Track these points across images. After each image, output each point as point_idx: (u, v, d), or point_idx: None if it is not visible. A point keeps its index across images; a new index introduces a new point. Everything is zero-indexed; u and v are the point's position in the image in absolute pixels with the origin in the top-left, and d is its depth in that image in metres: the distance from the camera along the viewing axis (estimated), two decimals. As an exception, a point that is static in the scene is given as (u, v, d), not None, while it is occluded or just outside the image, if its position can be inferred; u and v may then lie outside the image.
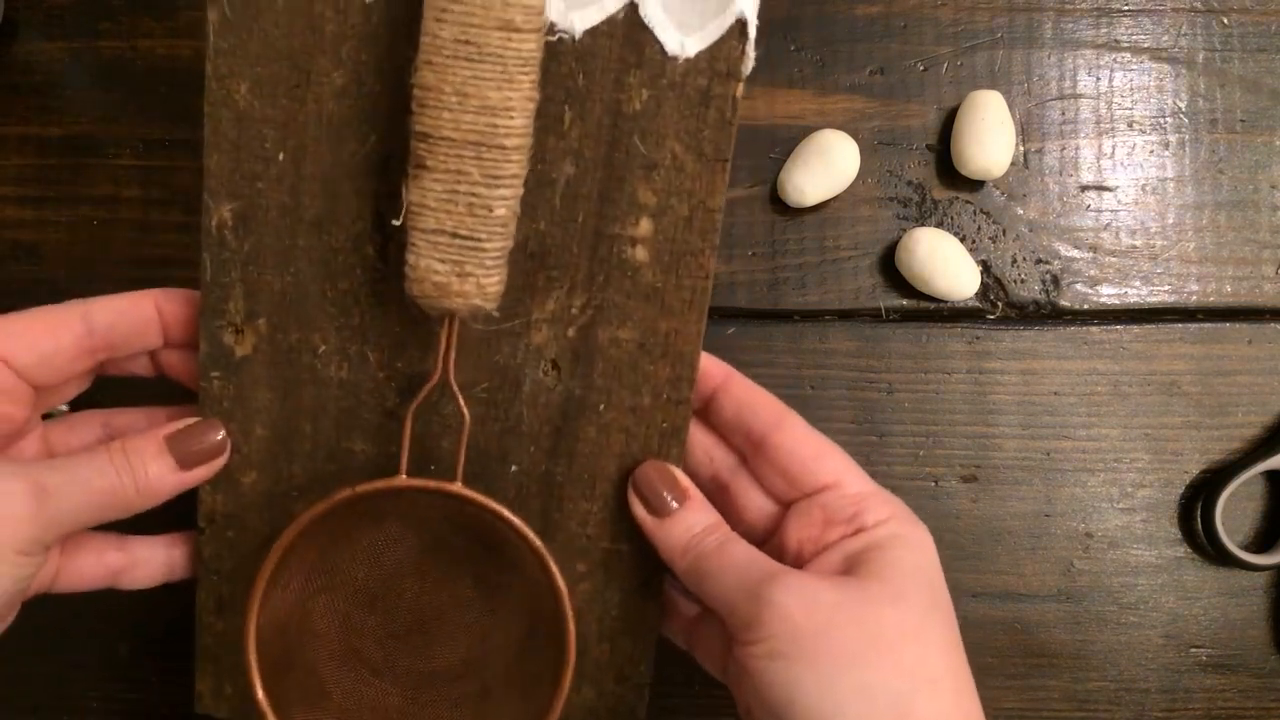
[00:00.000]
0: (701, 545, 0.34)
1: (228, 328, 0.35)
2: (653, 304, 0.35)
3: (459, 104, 0.30)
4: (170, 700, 0.46)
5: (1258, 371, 0.47)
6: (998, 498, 0.47)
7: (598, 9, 0.32)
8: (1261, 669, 0.47)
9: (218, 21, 0.32)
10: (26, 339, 0.33)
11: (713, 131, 0.33)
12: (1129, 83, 0.48)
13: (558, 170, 0.34)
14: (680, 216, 0.34)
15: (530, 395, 0.35)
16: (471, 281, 0.31)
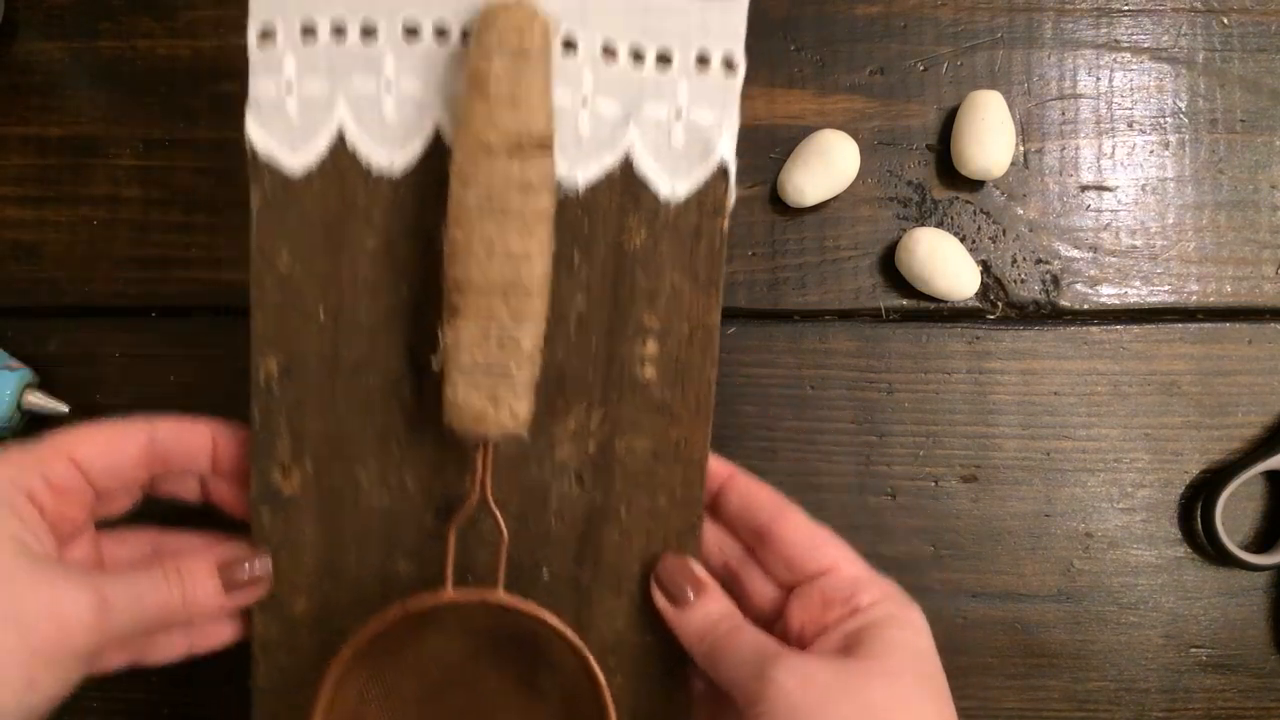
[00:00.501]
0: (716, 631, 0.37)
1: (276, 468, 0.37)
2: (663, 415, 0.38)
3: (486, 256, 0.33)
4: (170, 700, 0.46)
5: (1258, 371, 0.47)
6: (998, 498, 0.47)
7: (598, 165, 0.36)
8: (1261, 669, 0.47)
9: (260, 204, 0.36)
10: (99, 445, 0.36)
11: (705, 261, 0.37)
12: (1129, 83, 0.48)
13: (571, 304, 0.37)
14: (682, 336, 0.37)
15: (558, 507, 0.38)
16: (505, 410, 0.35)
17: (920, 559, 0.46)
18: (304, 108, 0.35)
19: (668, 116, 0.36)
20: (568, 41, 0.35)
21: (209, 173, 0.47)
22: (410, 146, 0.36)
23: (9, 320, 0.47)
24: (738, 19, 0.35)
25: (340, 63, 0.35)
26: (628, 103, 0.36)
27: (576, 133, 0.36)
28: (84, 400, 0.46)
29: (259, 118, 0.35)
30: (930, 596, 0.46)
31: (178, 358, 0.47)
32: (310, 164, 0.36)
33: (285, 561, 0.38)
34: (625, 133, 0.36)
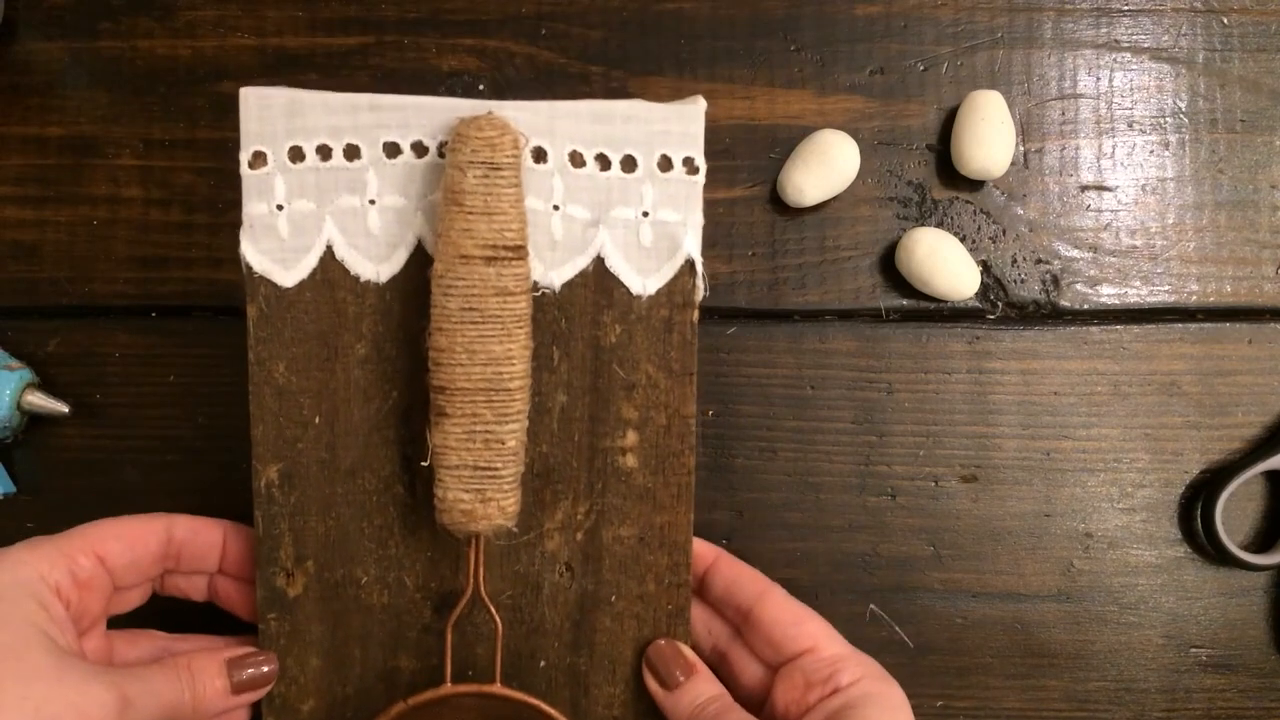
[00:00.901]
0: (703, 713, 0.38)
1: (280, 572, 0.39)
2: (646, 502, 0.39)
3: (469, 359, 0.35)
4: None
5: (1258, 371, 0.47)
6: (998, 498, 0.47)
7: (571, 266, 0.38)
8: (1261, 669, 0.47)
9: (256, 316, 0.38)
10: (123, 541, 0.37)
11: (678, 351, 0.39)
12: (1129, 83, 0.48)
13: (553, 400, 0.39)
14: (660, 425, 0.39)
15: (550, 596, 0.40)
16: (494, 505, 0.36)
17: (920, 559, 0.46)
18: (294, 226, 0.38)
19: (635, 218, 0.38)
20: (538, 152, 0.38)
21: (209, 173, 0.47)
22: (395, 257, 0.38)
23: (9, 320, 0.47)
24: (696, 126, 0.38)
25: (326, 182, 0.38)
26: (597, 207, 0.38)
27: (550, 237, 0.38)
28: (84, 400, 0.46)
29: (253, 237, 0.38)
30: (930, 596, 0.46)
31: (178, 358, 0.47)
32: (302, 278, 0.38)
33: (292, 663, 0.39)
34: (596, 234, 0.38)
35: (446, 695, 0.38)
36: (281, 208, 0.38)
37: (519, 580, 0.40)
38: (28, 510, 0.46)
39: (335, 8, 0.47)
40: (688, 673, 0.39)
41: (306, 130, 0.37)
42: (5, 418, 0.44)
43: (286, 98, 0.37)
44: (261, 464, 0.39)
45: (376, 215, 0.38)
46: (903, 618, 0.46)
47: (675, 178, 0.38)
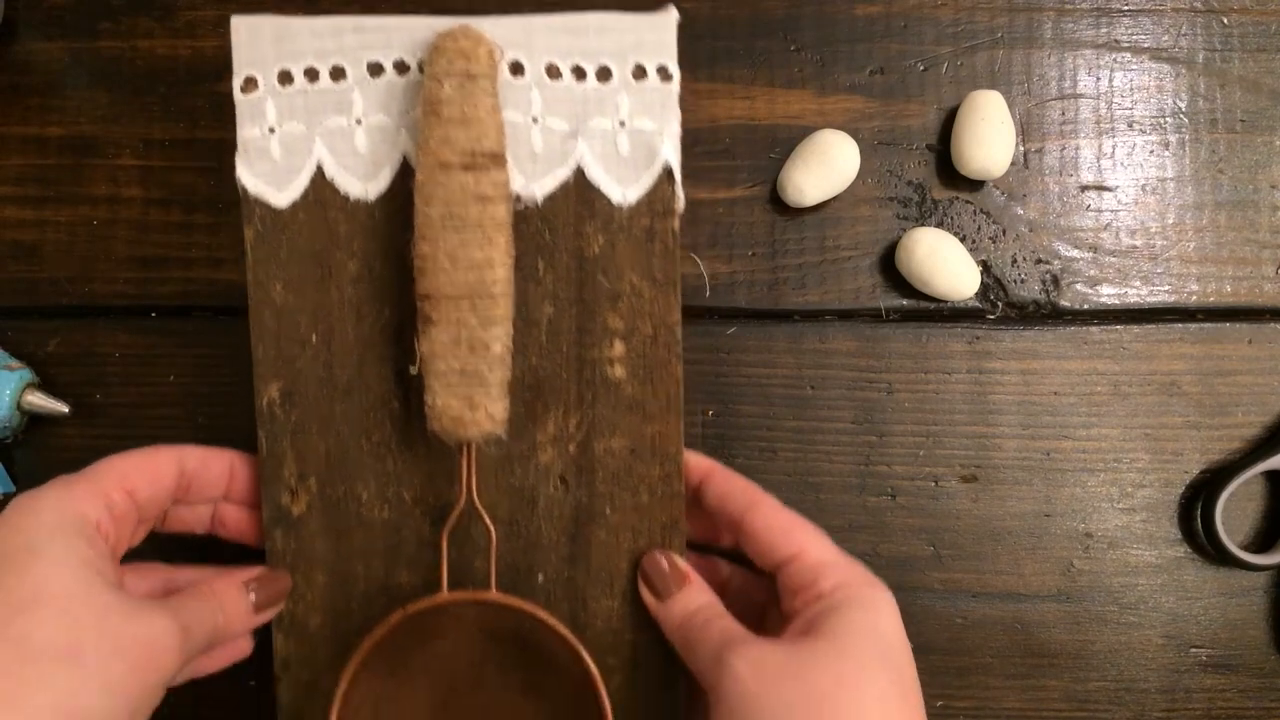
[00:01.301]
0: (693, 622, 0.38)
1: (284, 491, 0.40)
2: (636, 413, 0.40)
3: (451, 266, 0.36)
4: (170, 700, 0.46)
5: (1258, 371, 0.47)
6: (998, 498, 0.47)
7: (552, 178, 0.39)
8: (1261, 669, 0.47)
9: (253, 238, 0.39)
10: (146, 475, 0.37)
11: (660, 260, 0.39)
12: (1129, 83, 0.48)
13: (539, 312, 0.40)
14: (646, 335, 0.40)
15: (545, 509, 0.40)
16: (482, 411, 0.37)
17: (920, 559, 0.46)
18: (285, 148, 0.39)
19: (612, 127, 0.39)
20: (515, 66, 0.38)
21: (209, 173, 0.47)
22: (381, 175, 0.39)
23: (9, 320, 0.47)
24: (668, 34, 0.38)
25: (315, 104, 0.39)
26: (574, 118, 0.39)
27: (530, 149, 0.39)
28: (84, 400, 0.46)
29: (247, 160, 0.39)
30: (930, 596, 0.46)
31: (178, 358, 0.47)
32: (295, 198, 0.39)
33: (299, 580, 0.40)
34: (575, 146, 0.39)
35: (443, 603, 0.38)
36: (273, 130, 0.39)
37: (514, 494, 0.40)
38: (28, 510, 0.46)
39: (335, 7, 0.47)
40: (680, 583, 0.39)
41: (294, 54, 0.38)
42: (5, 418, 0.44)
43: (274, 24, 0.38)
44: (263, 383, 0.40)
45: (363, 134, 0.39)
46: (903, 618, 0.46)
47: (650, 86, 0.39)
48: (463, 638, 0.39)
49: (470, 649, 0.40)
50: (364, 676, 0.37)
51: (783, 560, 0.38)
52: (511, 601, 0.38)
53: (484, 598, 0.38)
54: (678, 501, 0.40)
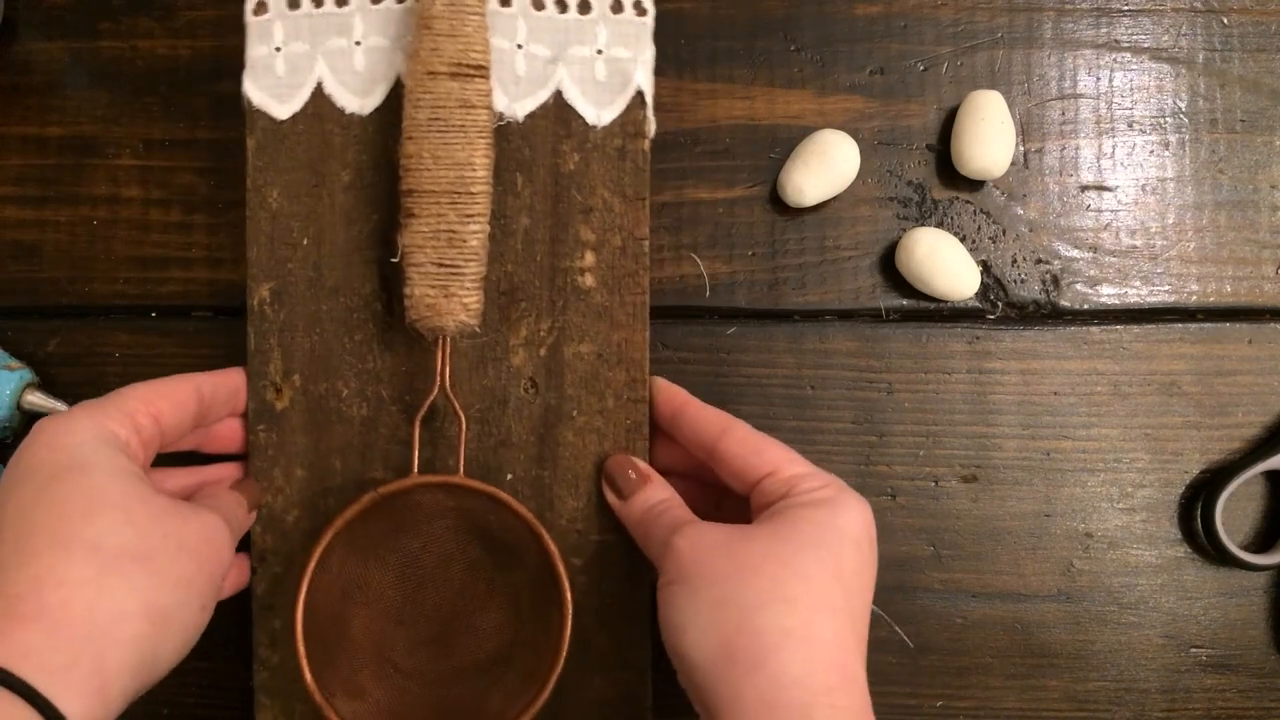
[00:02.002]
0: (650, 514, 0.39)
1: (269, 386, 0.42)
2: (604, 320, 0.42)
3: (434, 164, 0.39)
4: (170, 700, 0.46)
5: (1258, 371, 0.47)
6: (998, 498, 0.47)
7: (533, 99, 0.42)
8: (1261, 669, 0.47)
9: (254, 147, 0.42)
10: (170, 402, 0.38)
11: (631, 178, 0.43)
12: (1129, 83, 0.48)
13: (517, 222, 0.42)
14: (615, 247, 0.42)
15: (515, 410, 0.42)
16: (457, 301, 0.39)
17: (920, 559, 0.46)
18: (289, 65, 0.42)
19: (590, 55, 0.43)
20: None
21: (209, 173, 0.47)
22: (376, 92, 0.42)
23: (9, 320, 0.47)
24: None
25: (319, 26, 0.42)
26: (556, 45, 0.42)
27: (514, 72, 0.42)
28: (84, 400, 0.46)
29: (253, 76, 0.42)
30: (930, 596, 0.46)
31: (178, 358, 0.47)
32: (295, 111, 0.42)
33: (279, 474, 0.42)
34: (555, 70, 0.42)
35: (413, 485, 0.39)
36: (279, 49, 0.42)
37: (486, 394, 0.42)
38: (28, 510, 0.46)
39: (335, 8, 0.47)
40: (642, 482, 0.41)
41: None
42: (5, 418, 0.44)
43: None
44: (255, 283, 0.42)
45: (362, 54, 0.42)
46: (903, 618, 0.46)
47: (626, 19, 0.43)
48: (432, 531, 0.41)
49: (439, 543, 0.41)
50: (334, 559, 0.39)
51: (759, 478, 0.38)
52: (479, 486, 0.39)
53: (453, 480, 0.39)
54: (641, 406, 0.42)
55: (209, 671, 0.45)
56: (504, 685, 0.40)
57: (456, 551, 0.41)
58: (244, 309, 0.43)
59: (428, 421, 0.41)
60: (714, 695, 0.33)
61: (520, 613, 0.41)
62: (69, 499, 0.33)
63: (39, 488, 0.34)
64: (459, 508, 0.40)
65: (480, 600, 0.41)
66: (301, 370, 0.42)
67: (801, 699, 0.32)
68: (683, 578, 0.36)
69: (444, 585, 0.41)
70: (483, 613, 0.41)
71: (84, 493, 0.33)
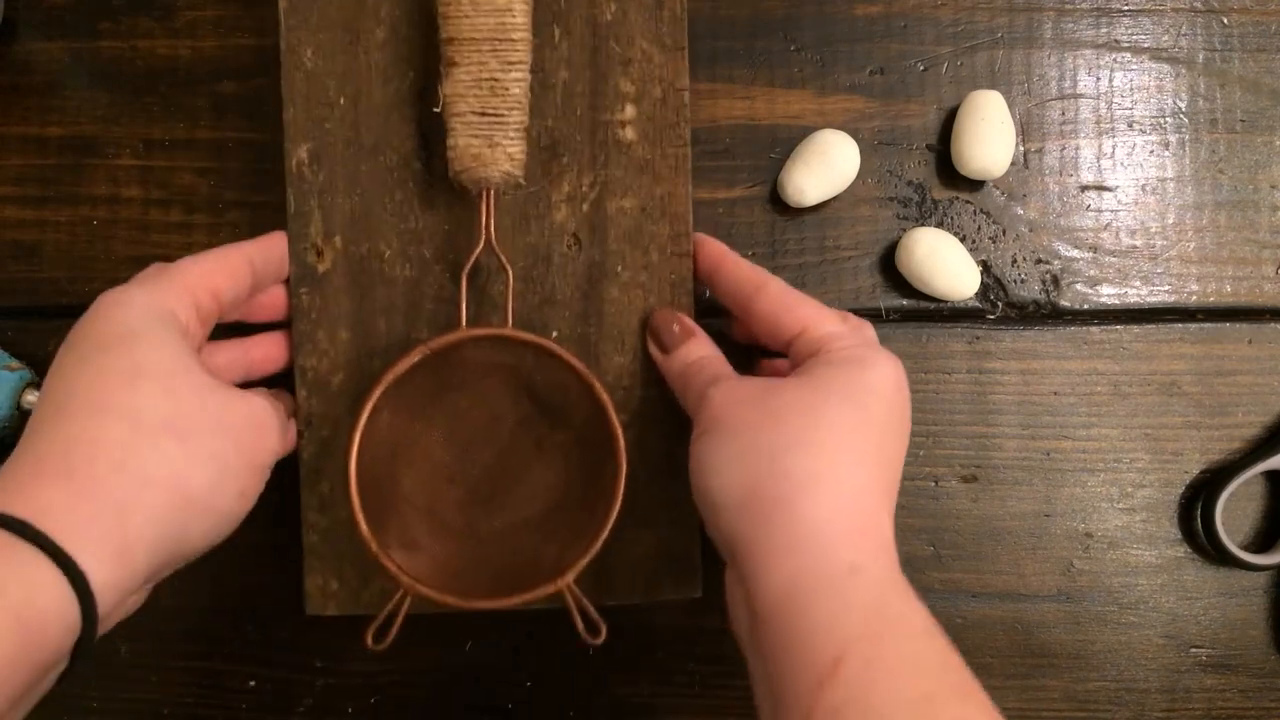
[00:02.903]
0: (690, 369, 0.40)
1: (310, 249, 0.42)
2: (646, 174, 0.42)
3: (474, 10, 0.38)
4: (170, 700, 0.46)
5: (1258, 371, 0.47)
6: (998, 498, 0.47)
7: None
8: (1261, 669, 0.47)
9: (286, 6, 0.41)
10: (227, 275, 0.38)
11: (669, 27, 0.42)
12: (1129, 83, 0.48)
13: (555, 76, 0.42)
14: (655, 99, 0.42)
15: (560, 266, 0.42)
16: (500, 151, 0.39)
17: (920, 559, 0.46)
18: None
19: None
20: None
21: (209, 173, 0.47)
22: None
23: (9, 320, 0.47)
24: None
25: None
26: None
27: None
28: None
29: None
30: (930, 596, 0.46)
31: (178, 358, 0.47)
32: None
33: (323, 336, 0.42)
34: None
35: (463, 338, 0.39)
36: None
37: (530, 252, 0.42)
38: (28, 510, 0.46)
39: (335, 8, 0.47)
40: (686, 336, 0.41)
41: None
42: (5, 418, 0.44)
43: None
44: (293, 144, 0.42)
45: None
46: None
47: None
48: (480, 388, 0.41)
49: (488, 400, 0.41)
50: (383, 418, 0.39)
51: (791, 336, 0.38)
52: (528, 337, 0.39)
53: (502, 333, 0.39)
54: (686, 261, 0.42)
55: (209, 672, 0.45)
56: (556, 539, 0.40)
57: (506, 408, 0.41)
58: None
59: (472, 279, 0.41)
60: (739, 538, 0.34)
61: (570, 468, 0.41)
62: (113, 368, 0.33)
63: (85, 356, 0.34)
64: (507, 363, 0.40)
65: (530, 457, 0.41)
66: (342, 231, 0.42)
67: (823, 539, 0.32)
68: (715, 427, 0.36)
69: (494, 442, 0.41)
70: (533, 469, 0.41)
71: (128, 363, 0.33)
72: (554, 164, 0.42)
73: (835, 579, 0.32)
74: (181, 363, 0.34)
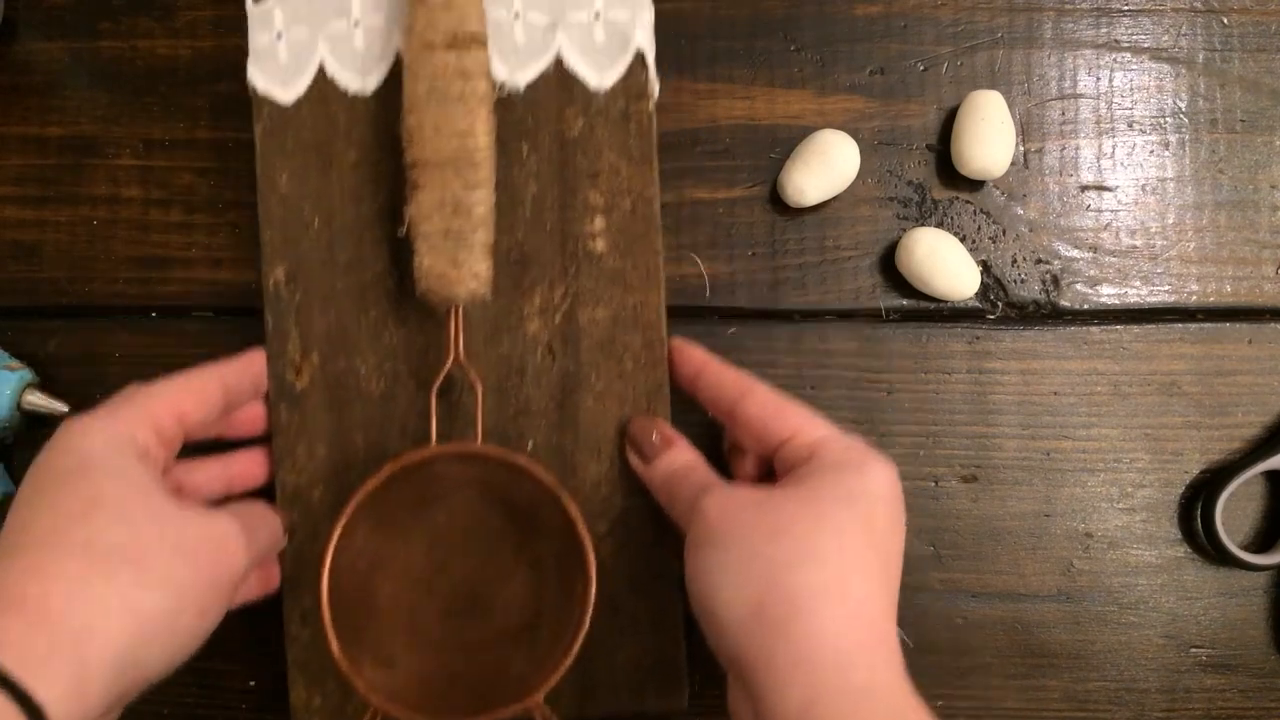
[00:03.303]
0: (674, 477, 0.39)
1: (289, 367, 0.42)
2: (617, 284, 0.42)
3: (435, 134, 0.39)
4: (170, 700, 0.46)
5: (1258, 371, 0.47)
6: (998, 498, 0.47)
7: (535, 68, 0.43)
8: (1261, 669, 0.47)
9: (261, 133, 0.43)
10: (194, 398, 0.38)
11: (637, 140, 0.42)
12: (1129, 83, 0.48)
13: (525, 191, 0.42)
14: (625, 210, 0.42)
15: (534, 377, 0.42)
16: (466, 270, 0.39)
17: (920, 559, 0.46)
18: (291, 51, 0.43)
19: (588, 19, 0.42)
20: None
21: (209, 173, 0.47)
22: (377, 71, 0.43)
23: (9, 320, 0.47)
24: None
25: (318, 9, 0.43)
26: (553, 11, 0.42)
27: (514, 42, 0.42)
28: (84, 400, 0.46)
29: (258, 63, 0.43)
30: (930, 596, 0.46)
31: (178, 358, 0.46)
32: (299, 95, 0.43)
33: (302, 452, 0.42)
34: (554, 37, 0.42)
35: (432, 456, 0.39)
36: (280, 36, 0.43)
37: (503, 363, 0.42)
38: (28, 510, 0.46)
39: (335, 8, 0.47)
40: (666, 445, 0.40)
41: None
42: (5, 418, 0.44)
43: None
44: (269, 266, 0.43)
45: (361, 34, 0.43)
46: (903, 618, 0.46)
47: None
48: (454, 501, 0.41)
49: (462, 514, 0.41)
50: (359, 533, 0.39)
51: (780, 441, 0.38)
52: (496, 451, 0.39)
53: (470, 449, 0.40)
54: (661, 369, 0.42)
55: (209, 671, 0.45)
56: (533, 651, 0.40)
57: (482, 521, 0.41)
58: (244, 309, 0.43)
59: (445, 394, 0.41)
60: (746, 656, 0.33)
61: (546, 579, 0.41)
62: (68, 500, 0.33)
63: (42, 489, 0.34)
64: (480, 477, 0.40)
65: (508, 569, 0.41)
66: (320, 349, 0.42)
67: (835, 657, 0.32)
68: (711, 539, 0.35)
69: (471, 555, 0.41)
70: (511, 581, 0.41)
71: (83, 494, 0.33)
72: (525, 277, 0.42)
73: (852, 703, 0.31)
74: (138, 489, 0.34)
